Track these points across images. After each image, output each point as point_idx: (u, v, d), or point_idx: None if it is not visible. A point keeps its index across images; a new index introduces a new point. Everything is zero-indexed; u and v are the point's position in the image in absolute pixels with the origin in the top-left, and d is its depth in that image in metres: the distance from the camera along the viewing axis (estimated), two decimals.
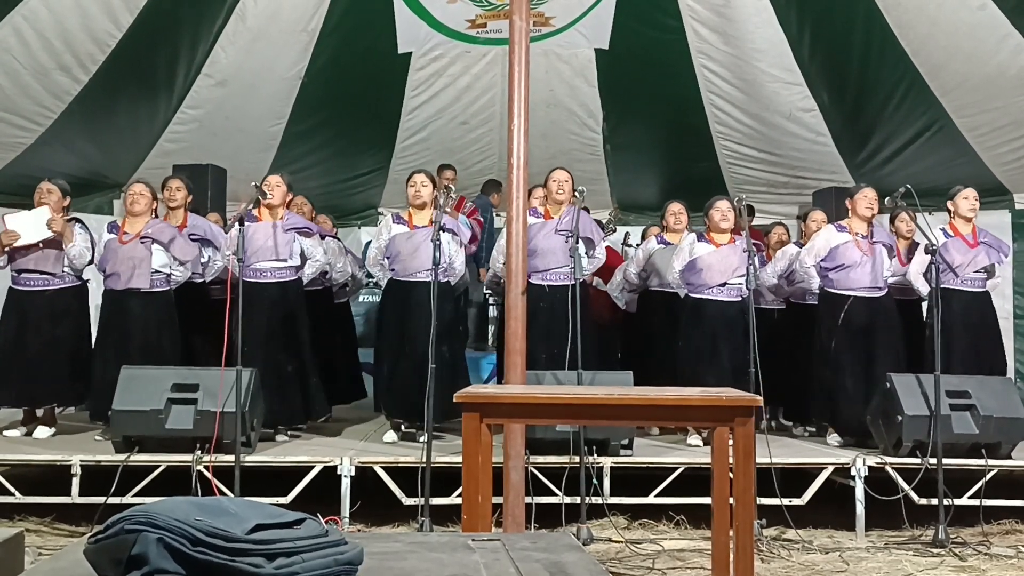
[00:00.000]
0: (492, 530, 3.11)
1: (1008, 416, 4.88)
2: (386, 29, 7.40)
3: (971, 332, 5.58)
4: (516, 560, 1.80)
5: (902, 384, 4.92)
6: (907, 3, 6.38)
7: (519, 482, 4.16)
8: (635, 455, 4.92)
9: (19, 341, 5.44)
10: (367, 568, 1.59)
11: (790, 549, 4.42)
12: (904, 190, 4.75)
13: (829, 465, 4.86)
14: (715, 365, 5.38)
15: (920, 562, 4.23)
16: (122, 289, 5.36)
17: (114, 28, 6.53)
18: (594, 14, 7.44)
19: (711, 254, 5.55)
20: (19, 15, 6.18)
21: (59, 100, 6.99)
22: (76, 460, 4.60)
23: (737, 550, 2.64)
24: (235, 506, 1.53)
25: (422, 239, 5.27)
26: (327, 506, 4.47)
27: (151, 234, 5.42)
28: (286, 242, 5.45)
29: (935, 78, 6.86)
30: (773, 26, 7.02)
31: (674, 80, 7.77)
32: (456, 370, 5.27)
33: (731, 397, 2.81)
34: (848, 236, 5.54)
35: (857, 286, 5.48)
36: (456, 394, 2.80)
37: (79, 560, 1.53)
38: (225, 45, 7.17)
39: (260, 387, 4.94)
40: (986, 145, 7.39)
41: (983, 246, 5.62)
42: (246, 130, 8.07)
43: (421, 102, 8.24)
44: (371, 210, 9.78)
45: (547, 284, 5.40)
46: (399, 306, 5.37)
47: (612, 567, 4.03)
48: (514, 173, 4.39)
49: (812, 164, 8.35)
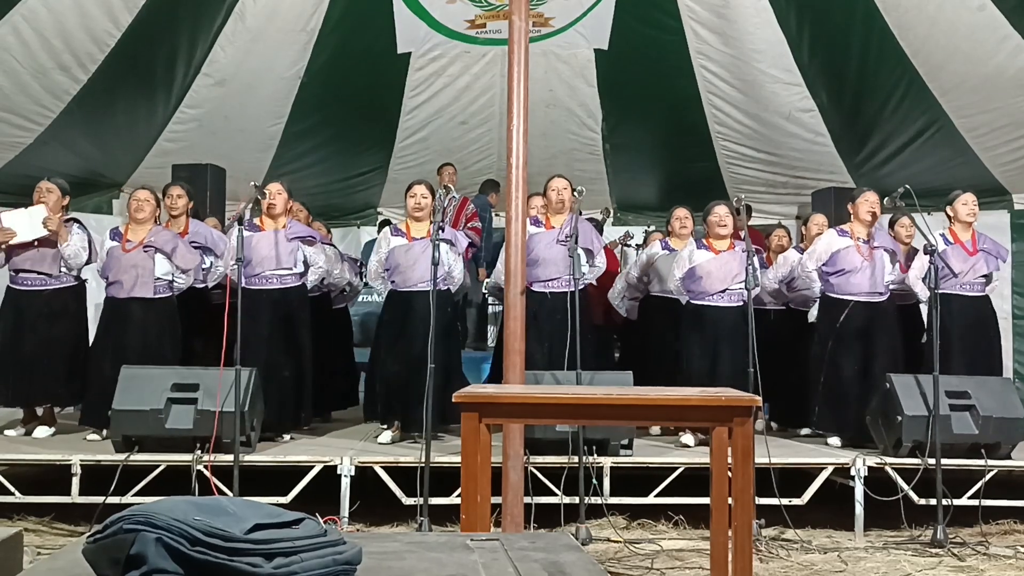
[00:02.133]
0: (491, 530, 3.11)
1: (1007, 416, 4.89)
2: (385, 29, 7.41)
3: (971, 336, 5.57)
4: (515, 560, 1.80)
5: (901, 384, 4.92)
6: (906, 3, 6.39)
7: (518, 482, 4.16)
8: (635, 455, 4.92)
9: (16, 340, 5.44)
10: (366, 568, 1.59)
11: (789, 549, 4.42)
12: (903, 190, 4.75)
13: (828, 465, 4.87)
14: (716, 370, 5.37)
15: (919, 562, 4.23)
16: (125, 297, 5.35)
17: (113, 27, 6.53)
18: (593, 14, 7.45)
19: (711, 261, 5.53)
20: (18, 14, 6.18)
21: (58, 99, 6.99)
22: (76, 460, 4.60)
23: (736, 550, 2.64)
24: (234, 506, 1.53)
25: (420, 251, 5.28)
26: (326, 506, 4.47)
27: (154, 243, 5.41)
28: (289, 251, 5.47)
29: (934, 79, 6.86)
30: (772, 26, 7.02)
31: (673, 80, 7.77)
32: (451, 375, 5.26)
33: (730, 397, 2.81)
34: (849, 241, 5.52)
35: (857, 291, 5.47)
36: (455, 394, 2.80)
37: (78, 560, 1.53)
38: (224, 45, 7.17)
39: (260, 387, 4.95)
40: (985, 145, 7.40)
41: (982, 254, 5.57)
42: (245, 130, 8.07)
43: (420, 102, 8.24)
44: (370, 210, 9.79)
45: (548, 292, 5.42)
46: (399, 317, 5.38)
47: (611, 567, 4.03)
48: (513, 173, 4.39)
49: (811, 164, 8.36)
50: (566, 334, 4.58)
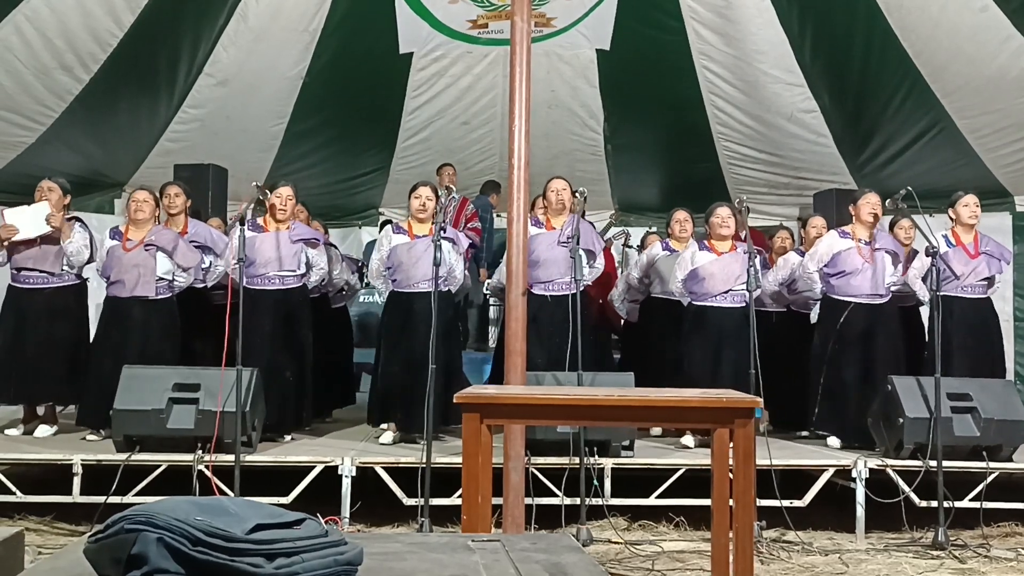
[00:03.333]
0: (492, 531, 3.11)
1: (1009, 419, 4.88)
2: (388, 29, 7.41)
3: (972, 338, 5.56)
4: (516, 561, 1.80)
5: (903, 386, 4.92)
6: (909, 5, 6.39)
7: (519, 483, 4.16)
8: (636, 456, 4.92)
9: (18, 339, 5.44)
10: (367, 568, 1.59)
11: (790, 551, 4.41)
12: (905, 192, 4.74)
13: (830, 467, 4.86)
14: (717, 372, 5.37)
15: (920, 564, 4.23)
16: (127, 297, 5.35)
17: (116, 27, 6.54)
18: (596, 15, 7.45)
19: (713, 263, 5.53)
20: (21, 14, 6.20)
21: (60, 99, 7.00)
22: (77, 459, 4.60)
23: (737, 552, 2.64)
24: (235, 506, 1.53)
25: (423, 249, 5.27)
26: (327, 506, 4.47)
27: (154, 241, 5.41)
28: (292, 253, 5.47)
29: (937, 80, 6.86)
30: (774, 27, 7.02)
31: (675, 81, 7.78)
32: (451, 376, 5.26)
33: (731, 399, 2.81)
34: (851, 242, 5.52)
35: (858, 292, 5.46)
36: (456, 395, 2.79)
37: (79, 559, 1.53)
38: (227, 45, 7.18)
39: (261, 387, 4.95)
40: (987, 147, 7.39)
41: (984, 256, 5.54)
42: (247, 130, 8.08)
43: (422, 102, 8.25)
44: (372, 210, 9.80)
45: (549, 295, 5.40)
46: (401, 317, 5.37)
47: (612, 568, 4.03)
48: (515, 173, 4.39)
49: (813, 165, 8.36)
50: (566, 337, 4.58)
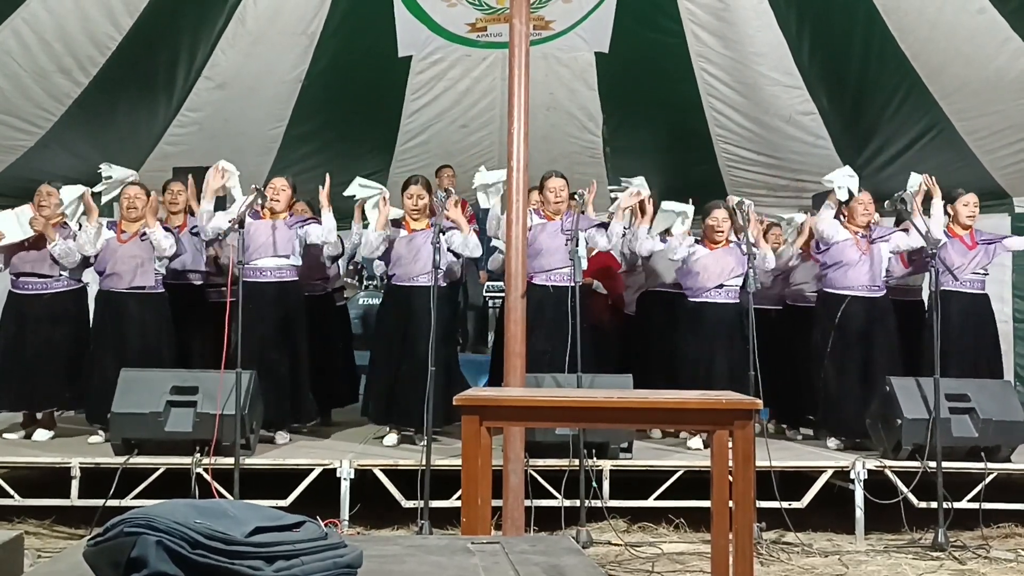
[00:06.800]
0: (491, 533, 3.11)
1: (1007, 419, 4.89)
2: (386, 32, 7.40)
3: (969, 334, 5.58)
4: (515, 563, 1.80)
5: (901, 387, 4.93)
6: (907, 6, 6.39)
7: (518, 485, 4.16)
8: (635, 458, 4.92)
9: (18, 344, 5.45)
10: (366, 571, 1.59)
11: (789, 552, 4.42)
12: (902, 194, 4.75)
13: (828, 468, 4.87)
14: (713, 369, 5.39)
15: (919, 565, 4.23)
16: (122, 291, 5.34)
17: (114, 31, 6.53)
18: (594, 18, 7.45)
19: (707, 256, 5.60)
20: (19, 18, 6.18)
21: (59, 103, 6.99)
22: (75, 463, 4.60)
23: (736, 553, 2.64)
24: (234, 509, 1.53)
25: (422, 242, 5.27)
26: (326, 509, 4.47)
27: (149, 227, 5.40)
28: (287, 239, 5.46)
29: (935, 81, 6.86)
30: (773, 29, 7.02)
31: (674, 83, 7.77)
32: (451, 375, 5.26)
33: (730, 400, 2.81)
34: (848, 234, 5.56)
35: (855, 285, 5.48)
36: (455, 397, 2.80)
37: (78, 563, 1.53)
38: (225, 48, 7.17)
39: (259, 389, 4.94)
40: (986, 149, 7.39)
41: (981, 246, 5.64)
42: (246, 133, 8.06)
43: (421, 105, 8.24)
44: None
45: (551, 284, 5.38)
46: (400, 312, 5.36)
47: (611, 570, 4.04)
48: (514, 176, 4.39)
49: (812, 167, 8.34)
50: (566, 331, 4.57)
